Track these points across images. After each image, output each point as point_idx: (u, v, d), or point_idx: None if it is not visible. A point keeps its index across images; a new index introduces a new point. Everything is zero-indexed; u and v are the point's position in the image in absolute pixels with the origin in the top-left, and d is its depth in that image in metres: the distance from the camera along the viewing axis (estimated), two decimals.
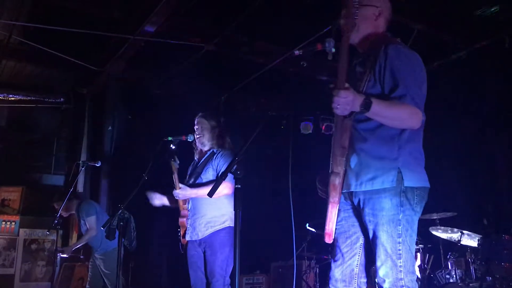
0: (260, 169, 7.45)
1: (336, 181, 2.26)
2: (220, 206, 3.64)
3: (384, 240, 2.19)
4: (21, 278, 6.44)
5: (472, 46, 5.65)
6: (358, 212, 2.33)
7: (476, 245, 4.76)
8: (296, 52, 2.36)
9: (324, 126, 7.62)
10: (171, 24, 5.35)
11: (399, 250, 2.17)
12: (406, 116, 2.14)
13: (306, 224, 5.91)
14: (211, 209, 3.65)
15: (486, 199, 5.40)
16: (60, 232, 6.44)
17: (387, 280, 2.19)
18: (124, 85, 7.13)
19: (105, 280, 5.23)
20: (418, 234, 5.32)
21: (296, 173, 2.55)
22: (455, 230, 4.98)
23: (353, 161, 2.28)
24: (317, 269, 6.03)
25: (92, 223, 5.23)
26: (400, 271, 2.16)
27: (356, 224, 2.37)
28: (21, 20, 5.31)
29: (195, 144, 3.92)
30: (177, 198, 3.67)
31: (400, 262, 2.16)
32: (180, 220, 3.71)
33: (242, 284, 6.37)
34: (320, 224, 2.47)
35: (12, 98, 6.94)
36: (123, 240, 3.51)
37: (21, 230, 6.60)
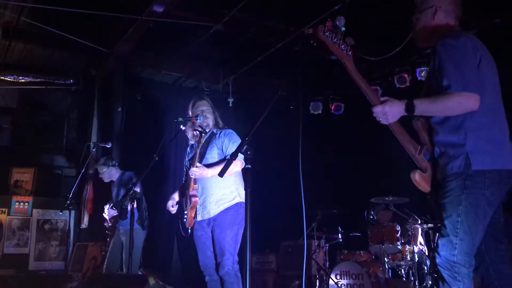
0: (270, 148, 7.47)
1: (416, 177, 2.49)
2: (228, 184, 3.69)
3: (445, 218, 2.31)
4: (35, 257, 6.57)
5: (484, 24, 5.55)
6: None
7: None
8: (307, 31, 2.36)
9: (333, 106, 7.60)
10: (179, 4, 5.31)
11: (458, 229, 2.27)
12: (453, 104, 2.30)
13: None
14: (220, 187, 3.69)
15: None
16: (72, 212, 6.53)
17: (441, 253, 2.30)
18: (133, 66, 7.14)
19: (124, 257, 5.29)
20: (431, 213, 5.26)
21: (306, 153, 2.56)
22: None
23: (436, 153, 2.46)
24: (327, 248, 6.06)
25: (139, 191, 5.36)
26: (455, 248, 2.27)
27: None
28: (30, 1, 5.31)
29: (192, 128, 3.86)
30: (193, 176, 3.63)
31: (457, 240, 2.27)
32: (193, 199, 3.68)
33: (252, 263, 6.44)
34: None
35: (22, 80, 6.97)
36: (135, 219, 3.55)
37: (34, 210, 6.70)
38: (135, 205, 3.47)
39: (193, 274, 6.44)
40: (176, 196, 3.93)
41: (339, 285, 5.50)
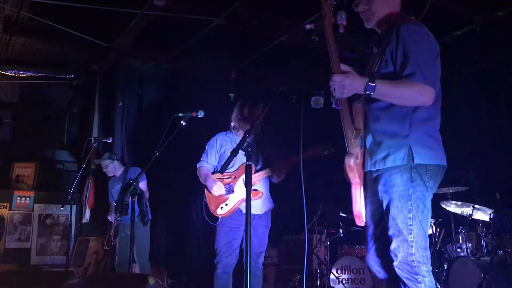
0: (272, 142, 7.45)
1: (351, 161, 2.28)
2: (267, 186, 4.05)
3: (395, 215, 2.20)
4: (37, 251, 6.59)
5: (486, 18, 5.52)
6: None
7: (488, 219, 4.75)
8: (308, 26, 2.35)
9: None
10: None
11: (410, 225, 2.17)
12: (414, 94, 2.15)
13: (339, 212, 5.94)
14: (266, 188, 4.04)
15: (498, 173, 5.35)
16: (74, 207, 6.55)
17: (398, 255, 2.20)
18: (134, 61, 7.12)
19: (134, 249, 5.34)
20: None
21: (307, 147, 2.55)
22: (467, 204, 4.96)
23: (368, 141, 2.32)
24: (328, 243, 6.07)
25: (144, 187, 5.44)
26: (411, 246, 2.17)
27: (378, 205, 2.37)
28: None
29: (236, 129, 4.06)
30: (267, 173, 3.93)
31: (411, 237, 2.17)
32: (259, 194, 3.91)
33: None
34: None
35: (23, 74, 6.96)
36: (136, 215, 3.55)
37: (35, 205, 6.71)
38: (135, 200, 3.47)
39: (198, 267, 6.50)
40: (213, 177, 3.96)
41: (340, 280, 5.51)
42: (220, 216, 3.85)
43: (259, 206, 3.86)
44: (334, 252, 6.02)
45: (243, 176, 3.75)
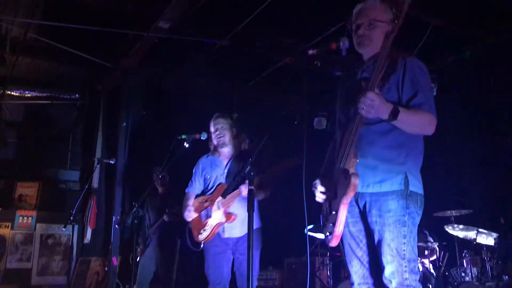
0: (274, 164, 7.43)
1: (357, 181, 2.25)
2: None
3: (390, 241, 2.25)
4: (38, 272, 6.54)
5: (488, 41, 5.56)
6: (363, 215, 2.40)
7: (493, 244, 4.70)
8: (310, 52, 2.37)
9: None
10: (185, 20, 5.34)
11: (404, 250, 2.24)
12: (426, 123, 2.27)
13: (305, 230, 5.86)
14: (245, 208, 3.74)
15: (503, 197, 5.32)
16: (76, 227, 6.51)
17: (393, 280, 2.24)
18: (138, 81, 7.16)
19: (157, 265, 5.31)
20: (434, 231, 5.31)
21: (310, 169, 2.54)
22: (471, 228, 4.92)
23: (360, 163, 2.30)
24: (331, 266, 6.01)
25: None
26: (405, 271, 2.23)
27: (363, 228, 2.42)
28: (37, 17, 5.36)
29: (213, 144, 3.96)
30: (242, 194, 3.61)
31: (405, 262, 2.23)
32: (234, 216, 3.70)
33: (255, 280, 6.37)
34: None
35: (28, 94, 7.01)
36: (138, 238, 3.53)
37: (37, 225, 6.69)
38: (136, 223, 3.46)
39: None
40: (191, 204, 3.92)
41: None
42: (202, 242, 3.80)
43: (237, 228, 3.73)
44: (337, 275, 5.95)
45: (219, 199, 3.72)
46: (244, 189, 3.49)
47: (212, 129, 3.96)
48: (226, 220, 3.68)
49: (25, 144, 7.13)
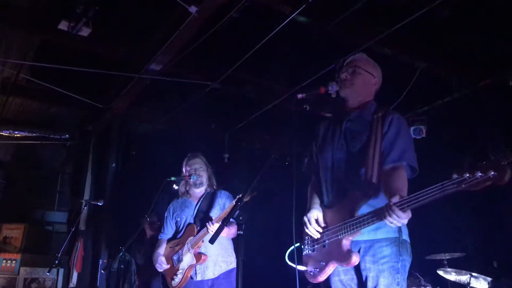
0: (263, 206, 7.36)
1: (357, 262, 2.32)
2: (227, 247, 3.77)
3: (383, 285, 2.27)
4: None
5: (476, 85, 5.64)
6: None
7: None
8: (299, 96, 2.41)
9: None
10: (176, 62, 5.40)
11: None
12: (406, 182, 2.34)
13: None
14: (220, 248, 3.71)
15: (495, 240, 5.27)
16: (61, 270, 6.34)
17: None
18: (129, 122, 7.15)
19: None
20: (426, 274, 5.23)
21: (300, 211, 2.54)
22: (464, 272, 4.85)
23: (357, 211, 2.34)
24: None
25: None
26: None
27: (355, 276, 2.43)
28: (29, 58, 5.38)
29: (185, 185, 3.94)
30: (209, 231, 3.55)
31: None
32: (203, 257, 3.63)
33: None
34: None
35: (17, 134, 6.97)
36: (124, 284, 3.43)
37: (21, 268, 6.50)
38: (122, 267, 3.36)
39: None
40: (162, 252, 3.84)
41: None
42: None
43: (210, 269, 3.66)
44: None
45: (188, 239, 3.68)
46: (210, 227, 3.47)
47: (186, 169, 3.93)
48: (196, 262, 3.61)
49: (13, 184, 7.04)
